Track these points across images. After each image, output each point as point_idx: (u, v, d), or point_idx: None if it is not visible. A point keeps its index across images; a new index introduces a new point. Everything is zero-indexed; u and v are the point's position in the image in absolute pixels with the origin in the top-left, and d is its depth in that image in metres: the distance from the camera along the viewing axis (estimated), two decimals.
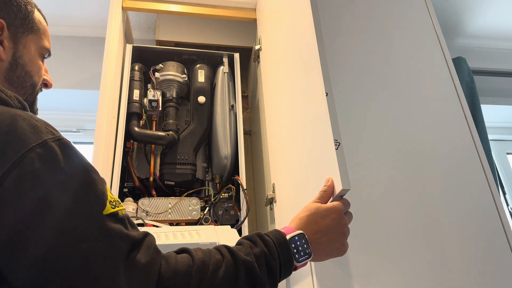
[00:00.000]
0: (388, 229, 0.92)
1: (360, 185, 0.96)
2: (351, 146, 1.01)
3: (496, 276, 0.90)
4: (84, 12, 1.69)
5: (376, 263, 0.87)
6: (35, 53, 0.66)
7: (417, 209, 0.96)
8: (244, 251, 0.58)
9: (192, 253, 0.55)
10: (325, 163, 0.73)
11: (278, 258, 0.60)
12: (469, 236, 0.94)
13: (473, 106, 1.65)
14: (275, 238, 0.61)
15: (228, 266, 0.55)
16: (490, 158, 1.55)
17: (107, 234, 0.47)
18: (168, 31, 1.57)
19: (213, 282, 0.53)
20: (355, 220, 0.91)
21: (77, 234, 0.44)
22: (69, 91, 1.68)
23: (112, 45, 1.21)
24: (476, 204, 0.99)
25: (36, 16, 0.66)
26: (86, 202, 0.47)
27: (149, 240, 0.52)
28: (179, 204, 1.14)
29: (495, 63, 2.01)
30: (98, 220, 0.47)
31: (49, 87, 0.72)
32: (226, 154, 1.26)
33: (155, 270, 0.49)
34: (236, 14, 1.43)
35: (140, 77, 1.31)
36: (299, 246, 0.62)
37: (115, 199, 0.52)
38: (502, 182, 1.98)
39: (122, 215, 0.51)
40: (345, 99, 1.09)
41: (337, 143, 0.69)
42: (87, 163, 0.50)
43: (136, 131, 1.20)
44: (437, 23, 1.28)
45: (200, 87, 1.36)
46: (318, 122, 0.77)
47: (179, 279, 0.51)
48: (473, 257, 0.92)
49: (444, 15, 1.82)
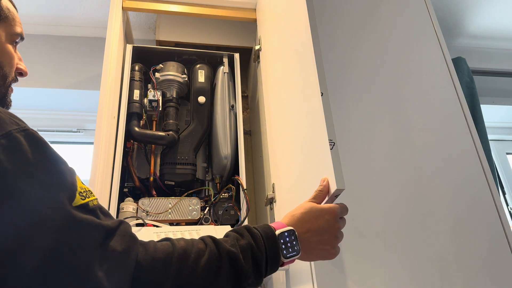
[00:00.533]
0: (387, 229, 0.92)
1: (359, 185, 0.96)
2: (351, 146, 1.02)
3: (496, 276, 0.90)
4: (84, 12, 1.69)
5: (376, 264, 0.87)
6: (5, 41, 0.62)
7: (417, 209, 0.96)
8: (229, 243, 0.57)
9: (174, 241, 0.54)
10: (320, 163, 0.73)
11: (265, 251, 0.59)
12: (469, 236, 0.95)
13: (473, 106, 1.65)
14: (263, 231, 0.61)
15: (211, 255, 0.54)
16: (490, 158, 1.56)
17: (78, 224, 0.45)
18: (168, 31, 1.57)
19: (194, 271, 0.51)
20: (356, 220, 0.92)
21: (46, 225, 0.42)
22: (69, 91, 1.68)
23: (112, 45, 1.21)
24: (476, 204, 0.99)
25: (3, 4, 0.63)
26: (54, 193, 0.45)
27: (124, 227, 0.50)
28: (179, 204, 1.14)
29: (495, 63, 2.01)
30: (67, 211, 0.45)
31: (24, 76, 0.67)
32: (226, 154, 1.26)
33: (132, 258, 0.48)
34: (236, 14, 1.43)
35: (140, 77, 1.31)
36: (288, 242, 0.61)
37: (85, 189, 0.50)
38: (502, 182, 1.98)
39: (93, 205, 0.49)
40: (344, 99, 1.09)
41: (332, 143, 0.69)
42: (55, 153, 0.48)
43: (136, 131, 1.20)
44: (437, 23, 1.28)
45: (200, 87, 1.36)
46: (314, 122, 0.78)
47: (157, 266, 0.49)
48: (473, 257, 0.92)
49: (444, 15, 1.82)
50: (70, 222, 0.44)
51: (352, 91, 1.10)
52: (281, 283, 1.07)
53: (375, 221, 0.92)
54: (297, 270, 0.94)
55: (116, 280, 0.45)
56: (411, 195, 0.98)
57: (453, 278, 0.88)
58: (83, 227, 0.45)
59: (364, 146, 1.02)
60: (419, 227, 0.93)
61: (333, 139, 0.69)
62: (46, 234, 0.42)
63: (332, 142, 0.69)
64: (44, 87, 1.65)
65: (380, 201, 0.95)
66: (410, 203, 0.96)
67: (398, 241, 0.91)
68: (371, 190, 0.96)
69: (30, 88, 1.64)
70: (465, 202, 0.99)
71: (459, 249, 0.92)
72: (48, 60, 1.71)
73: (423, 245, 0.91)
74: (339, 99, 1.08)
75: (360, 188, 0.96)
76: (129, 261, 0.47)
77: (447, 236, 0.94)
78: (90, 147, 1.67)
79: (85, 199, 0.48)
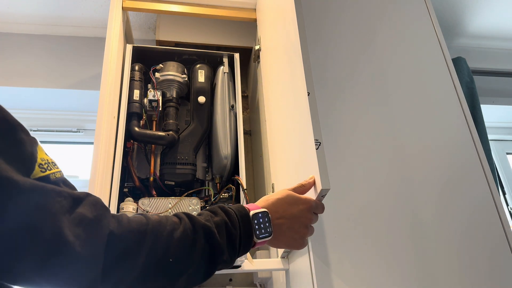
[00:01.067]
0: (387, 229, 0.92)
1: (359, 186, 0.96)
2: (351, 147, 1.02)
3: (496, 276, 0.90)
4: (84, 12, 1.69)
5: (376, 264, 0.87)
6: None
7: (417, 209, 0.96)
8: (204, 218, 0.57)
9: (147, 215, 0.53)
10: (308, 163, 0.73)
11: (239, 228, 0.59)
12: (469, 236, 0.95)
13: (473, 106, 1.65)
14: (237, 210, 0.61)
15: (185, 228, 0.53)
16: (490, 158, 1.55)
17: (39, 190, 0.42)
18: (168, 31, 1.57)
19: (169, 242, 0.50)
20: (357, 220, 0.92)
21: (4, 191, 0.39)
22: (69, 91, 1.68)
23: (112, 45, 1.21)
24: (476, 204, 0.99)
25: None
26: (12, 161, 0.41)
27: (93, 198, 0.47)
28: (179, 204, 1.14)
29: (495, 63, 2.01)
30: (25, 181, 0.41)
31: None
32: (226, 154, 1.26)
33: (105, 225, 0.45)
34: (236, 14, 1.43)
35: (140, 77, 1.31)
36: (261, 224, 0.62)
37: (47, 161, 0.46)
38: (502, 182, 1.98)
39: (55, 178, 0.46)
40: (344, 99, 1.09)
41: (318, 143, 0.69)
42: (15, 120, 0.44)
43: (136, 131, 1.20)
44: (437, 23, 1.28)
45: (200, 87, 1.36)
46: (302, 122, 0.78)
47: (131, 236, 0.48)
48: (472, 257, 0.92)
49: (444, 15, 1.82)
50: (31, 188, 0.41)
51: (351, 90, 1.10)
52: (281, 283, 1.07)
53: (375, 221, 0.92)
54: (297, 270, 0.94)
55: (89, 245, 0.43)
56: (411, 195, 0.98)
57: (453, 278, 0.88)
58: (46, 192, 0.42)
59: (362, 146, 1.02)
60: (419, 227, 0.93)
61: (319, 138, 0.69)
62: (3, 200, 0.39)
63: (318, 141, 0.69)
64: (44, 87, 1.65)
65: (379, 201, 0.95)
66: (410, 203, 0.96)
67: (398, 241, 0.91)
68: (369, 190, 0.96)
69: (30, 88, 1.65)
70: (465, 202, 0.99)
71: (459, 249, 0.92)
72: (48, 60, 1.71)
73: (422, 245, 0.91)
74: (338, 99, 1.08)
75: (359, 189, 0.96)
76: (101, 228, 0.45)
77: (447, 236, 0.94)
78: (90, 147, 1.67)
79: (46, 171, 0.45)
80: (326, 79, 1.10)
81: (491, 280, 0.90)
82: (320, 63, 1.13)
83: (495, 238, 0.95)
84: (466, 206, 0.98)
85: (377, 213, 0.93)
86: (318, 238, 0.87)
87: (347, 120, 1.05)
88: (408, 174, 1.00)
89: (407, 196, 0.97)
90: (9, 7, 1.63)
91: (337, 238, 0.88)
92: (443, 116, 1.11)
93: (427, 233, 0.93)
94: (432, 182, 1.00)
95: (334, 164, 0.97)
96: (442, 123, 1.10)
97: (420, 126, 1.08)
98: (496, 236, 0.96)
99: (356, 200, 0.94)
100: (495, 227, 0.97)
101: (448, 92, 1.16)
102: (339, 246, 0.87)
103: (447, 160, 1.04)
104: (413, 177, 1.00)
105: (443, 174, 1.02)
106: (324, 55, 1.14)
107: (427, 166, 1.02)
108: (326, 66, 1.13)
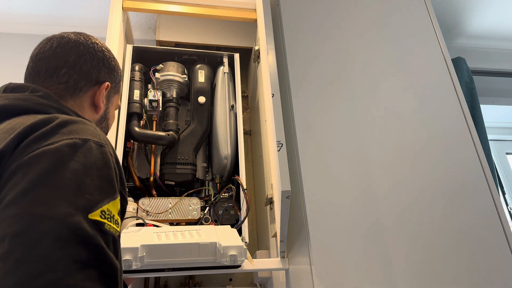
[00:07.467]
0: (387, 229, 0.92)
1: (359, 185, 0.96)
2: (351, 146, 1.02)
3: (495, 276, 0.90)
4: (84, 13, 1.69)
5: (376, 264, 0.87)
6: (115, 109, 0.78)
7: (416, 209, 0.96)
8: None
9: None
10: (273, 165, 0.73)
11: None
12: (468, 236, 0.95)
13: (472, 106, 1.65)
14: None
15: None
16: (490, 158, 1.56)
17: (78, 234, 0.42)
18: (168, 32, 1.57)
19: None
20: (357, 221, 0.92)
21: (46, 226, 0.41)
22: None
23: (113, 45, 1.22)
24: (475, 204, 0.99)
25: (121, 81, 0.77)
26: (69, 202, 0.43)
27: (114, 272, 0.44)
28: (179, 204, 1.14)
29: (495, 63, 2.01)
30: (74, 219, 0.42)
31: None
32: (226, 154, 1.26)
33: None
34: (236, 14, 1.43)
35: (140, 77, 1.32)
36: None
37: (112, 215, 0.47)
38: (501, 182, 1.99)
39: (108, 229, 0.46)
40: (344, 99, 1.09)
41: (280, 144, 0.68)
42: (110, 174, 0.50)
43: (137, 131, 1.21)
44: (437, 23, 1.28)
45: (200, 87, 1.36)
46: (270, 123, 0.78)
47: None
48: (472, 257, 0.92)
49: (443, 16, 1.82)
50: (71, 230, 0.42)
51: (351, 90, 1.10)
52: (281, 283, 1.07)
53: (375, 221, 0.92)
54: (297, 270, 0.94)
55: None
56: (410, 195, 0.98)
57: (453, 278, 0.89)
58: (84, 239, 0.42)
59: (362, 147, 1.02)
60: (418, 227, 0.93)
61: (281, 140, 0.68)
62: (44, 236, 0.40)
63: (280, 143, 0.68)
64: None
65: (379, 201, 0.95)
66: (409, 203, 0.96)
67: (398, 241, 0.91)
68: (372, 188, 0.96)
69: None
70: (465, 202, 0.99)
71: (459, 249, 0.92)
72: None
73: (422, 245, 0.91)
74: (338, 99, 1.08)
75: (359, 189, 0.96)
76: None
77: (447, 236, 0.94)
78: None
79: (104, 219, 0.46)
80: (325, 80, 1.11)
81: (490, 280, 0.90)
82: (320, 63, 1.13)
83: (495, 238, 0.96)
84: (465, 206, 0.98)
85: (377, 213, 0.93)
86: (318, 238, 0.87)
87: (346, 120, 1.05)
88: (407, 173, 1.00)
89: (406, 196, 0.97)
90: (9, 7, 1.63)
91: (337, 238, 0.88)
92: (443, 116, 1.11)
93: (426, 233, 0.93)
94: (432, 182, 1.00)
95: (334, 164, 0.97)
96: (441, 123, 1.10)
97: (420, 126, 1.08)
98: (496, 236, 0.96)
99: (356, 200, 0.94)
100: (495, 227, 0.97)
101: (447, 92, 1.16)
102: (339, 246, 0.87)
103: (447, 160, 1.04)
104: (412, 177, 1.00)
105: (443, 174, 1.02)
106: (323, 55, 1.14)
107: (427, 166, 1.03)
108: (325, 66, 1.13)
